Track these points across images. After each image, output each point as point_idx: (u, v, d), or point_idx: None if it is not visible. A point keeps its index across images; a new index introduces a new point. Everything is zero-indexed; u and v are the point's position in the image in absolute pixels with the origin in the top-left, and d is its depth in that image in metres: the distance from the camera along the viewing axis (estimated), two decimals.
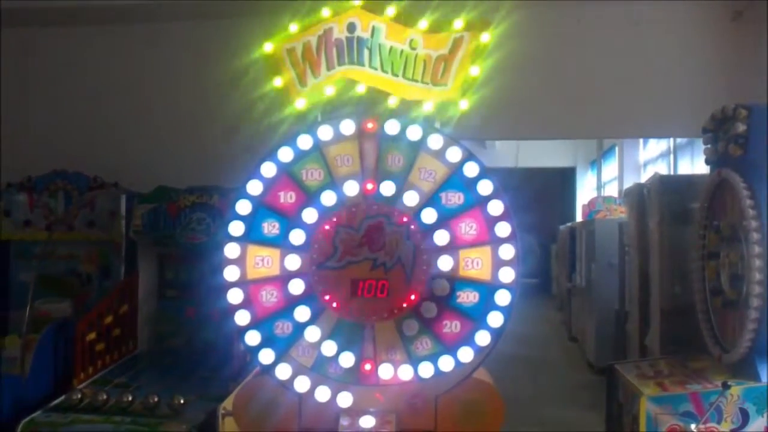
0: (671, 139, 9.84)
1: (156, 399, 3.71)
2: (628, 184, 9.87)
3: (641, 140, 11.91)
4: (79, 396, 3.78)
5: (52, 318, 4.51)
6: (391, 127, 2.93)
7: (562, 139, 11.76)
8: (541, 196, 22.27)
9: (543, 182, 20.38)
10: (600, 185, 16.00)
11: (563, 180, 19.03)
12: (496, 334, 2.88)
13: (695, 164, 8.82)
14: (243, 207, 2.95)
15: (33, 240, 5.08)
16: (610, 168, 14.85)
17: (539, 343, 11.73)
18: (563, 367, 9.87)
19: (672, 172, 9.74)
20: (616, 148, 13.31)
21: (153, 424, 3.56)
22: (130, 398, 3.73)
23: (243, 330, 2.95)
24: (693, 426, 3.26)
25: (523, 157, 16.43)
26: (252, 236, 2.96)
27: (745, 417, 3.28)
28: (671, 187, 4.62)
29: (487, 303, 2.89)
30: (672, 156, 10.11)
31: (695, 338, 3.89)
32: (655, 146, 11.46)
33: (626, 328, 6.37)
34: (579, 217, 13.86)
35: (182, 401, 3.69)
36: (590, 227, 9.76)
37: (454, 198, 2.93)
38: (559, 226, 15.28)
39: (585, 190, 17.60)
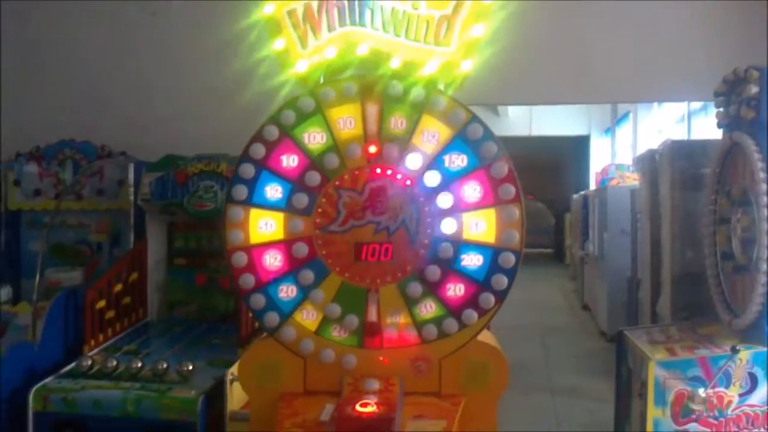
0: (687, 104, 9.71)
1: (165, 365, 3.76)
2: (642, 151, 9.78)
3: (656, 105, 11.76)
4: (90, 362, 3.84)
5: (64, 286, 4.55)
6: (394, 89, 2.89)
7: (571, 104, 11.61)
8: (556, 165, 22.28)
9: (557, 150, 20.32)
10: (614, 153, 15.86)
11: (577, 148, 18.85)
12: (501, 296, 2.86)
13: (711, 128, 8.69)
14: (246, 171, 2.93)
15: (43, 209, 5.12)
16: (625, 135, 14.71)
17: (552, 312, 11.79)
18: (575, 335, 9.90)
19: (687, 138, 9.62)
20: (630, 115, 13.18)
21: (162, 390, 3.61)
22: (139, 365, 3.78)
23: (247, 294, 2.94)
24: (701, 390, 3.25)
25: (536, 126, 16.30)
26: (255, 200, 2.94)
27: (753, 381, 3.27)
28: (683, 152, 4.54)
29: (491, 266, 2.85)
30: (686, 121, 9.98)
31: (706, 304, 3.87)
32: (670, 111, 11.32)
33: (638, 296, 6.34)
34: (593, 185, 13.78)
35: (191, 367, 3.73)
36: (603, 195, 9.71)
37: (457, 160, 2.88)
38: (573, 194, 15.21)
39: (599, 158, 17.43)
